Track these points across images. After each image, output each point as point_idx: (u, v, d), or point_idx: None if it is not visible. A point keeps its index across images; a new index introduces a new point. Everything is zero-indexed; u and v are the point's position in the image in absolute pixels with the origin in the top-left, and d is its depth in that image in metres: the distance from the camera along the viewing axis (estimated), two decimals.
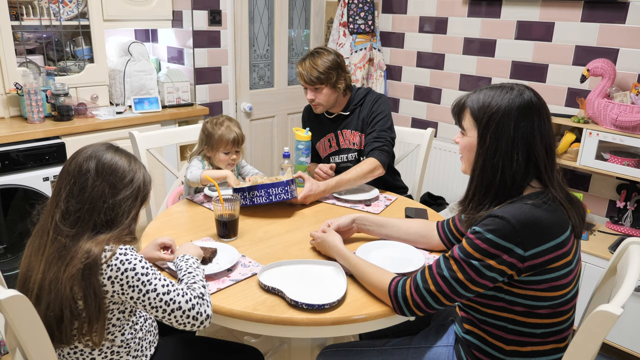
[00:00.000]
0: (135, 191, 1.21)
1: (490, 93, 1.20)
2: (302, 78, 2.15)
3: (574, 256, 1.16)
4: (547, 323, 1.16)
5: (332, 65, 2.12)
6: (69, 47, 2.85)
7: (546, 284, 1.12)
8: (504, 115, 1.16)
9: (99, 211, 1.15)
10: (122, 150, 1.25)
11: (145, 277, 1.13)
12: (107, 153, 1.20)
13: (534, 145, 1.15)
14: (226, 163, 2.03)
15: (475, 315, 1.24)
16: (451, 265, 1.16)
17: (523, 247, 1.09)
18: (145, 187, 1.25)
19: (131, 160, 1.23)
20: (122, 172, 1.19)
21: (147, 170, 1.29)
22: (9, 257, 2.47)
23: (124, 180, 1.19)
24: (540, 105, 1.18)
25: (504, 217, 1.10)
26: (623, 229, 2.54)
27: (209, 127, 2.01)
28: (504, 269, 1.11)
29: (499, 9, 2.94)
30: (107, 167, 1.18)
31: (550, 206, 1.13)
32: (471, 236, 1.15)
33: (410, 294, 1.21)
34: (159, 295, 1.14)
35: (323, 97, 2.17)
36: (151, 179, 1.28)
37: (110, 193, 1.16)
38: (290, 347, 1.77)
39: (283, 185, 1.81)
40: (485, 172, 1.19)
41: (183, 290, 1.17)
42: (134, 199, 1.21)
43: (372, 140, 2.14)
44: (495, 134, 1.16)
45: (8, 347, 1.19)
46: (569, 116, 2.62)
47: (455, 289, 1.15)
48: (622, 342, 2.34)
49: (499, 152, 1.16)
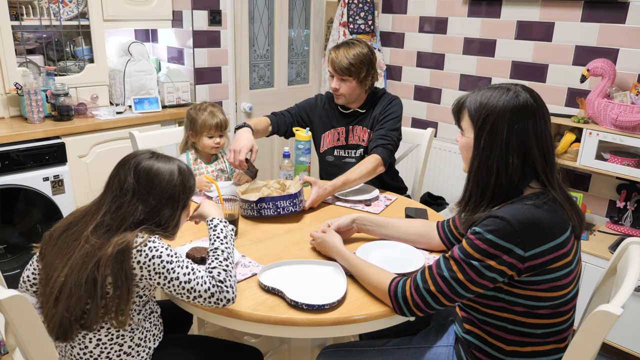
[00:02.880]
0: (172, 201, 1.26)
1: (488, 94, 1.19)
2: (332, 65, 2.11)
3: (574, 256, 1.16)
4: (547, 323, 1.16)
5: (364, 60, 2.09)
6: (69, 47, 2.85)
7: (546, 284, 1.12)
8: (498, 117, 1.15)
9: (130, 222, 1.21)
10: (164, 157, 1.29)
11: (169, 264, 1.18)
12: (147, 162, 1.25)
13: (529, 147, 1.15)
14: (210, 147, 2.08)
15: (476, 315, 1.24)
16: (451, 265, 1.16)
17: (523, 248, 1.09)
18: (185, 194, 1.29)
19: (172, 170, 1.27)
20: (160, 185, 1.24)
21: (189, 174, 1.31)
22: (9, 257, 2.47)
23: (163, 194, 1.24)
24: (536, 107, 1.16)
25: (504, 217, 1.10)
26: (623, 229, 2.54)
27: (192, 112, 2.08)
28: (504, 270, 1.11)
29: (499, 9, 2.94)
30: (145, 182, 1.23)
31: (551, 207, 1.13)
32: (471, 237, 1.14)
33: (411, 294, 1.21)
34: (181, 284, 1.18)
35: (347, 89, 2.14)
36: (192, 184, 1.32)
37: (145, 207, 1.22)
38: (290, 347, 1.77)
39: (292, 198, 1.79)
40: (481, 174, 1.19)
41: (202, 279, 1.20)
42: (170, 208, 1.26)
43: (378, 137, 2.13)
44: (490, 136, 1.16)
45: (8, 347, 1.19)
46: (569, 116, 2.62)
47: (456, 290, 1.15)
48: (622, 342, 2.34)
49: (493, 154, 1.16)
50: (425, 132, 2.39)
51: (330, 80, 2.18)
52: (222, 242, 1.30)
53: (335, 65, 2.09)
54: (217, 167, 2.16)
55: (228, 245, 1.30)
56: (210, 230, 1.34)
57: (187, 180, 1.30)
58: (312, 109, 2.33)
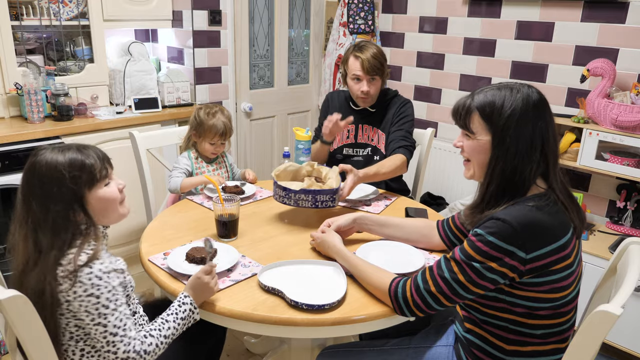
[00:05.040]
0: (59, 182, 1.13)
1: (500, 94, 1.18)
2: (364, 68, 2.10)
3: (575, 258, 1.16)
4: (547, 324, 1.16)
5: (384, 58, 2.15)
6: (69, 47, 2.85)
7: (547, 286, 1.12)
8: (521, 115, 1.15)
9: (41, 231, 1.12)
10: (63, 148, 1.18)
11: (104, 309, 1.11)
12: (37, 158, 1.15)
13: (547, 141, 1.16)
14: (210, 152, 2.09)
15: (477, 315, 1.24)
16: (452, 266, 1.16)
17: (525, 250, 1.09)
18: (74, 170, 1.15)
19: (58, 155, 1.14)
20: (43, 172, 1.13)
21: (85, 151, 1.18)
22: (9, 257, 2.46)
23: (49, 179, 1.13)
24: (547, 102, 1.20)
25: (505, 219, 1.10)
26: (623, 229, 2.54)
27: (202, 115, 2.06)
28: (505, 272, 1.10)
29: (499, 9, 2.94)
30: (31, 175, 1.14)
31: (552, 208, 1.13)
32: (473, 238, 1.14)
33: (411, 294, 1.21)
34: (105, 332, 1.12)
35: (375, 89, 2.16)
36: (85, 162, 1.16)
37: (38, 201, 1.13)
38: (290, 347, 1.77)
39: (332, 194, 1.76)
40: (505, 174, 1.17)
41: (129, 339, 1.14)
42: (62, 196, 1.14)
43: (400, 138, 2.15)
44: (515, 135, 1.15)
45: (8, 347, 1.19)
46: (569, 116, 2.62)
47: (456, 290, 1.15)
48: (622, 342, 2.34)
49: (519, 153, 1.15)
50: (425, 132, 2.39)
51: (354, 85, 2.16)
52: (176, 321, 1.23)
53: (366, 66, 2.09)
54: (218, 167, 2.16)
55: (178, 329, 1.24)
56: (176, 302, 1.26)
57: (74, 168, 1.15)
58: (330, 110, 2.31)
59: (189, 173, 2.07)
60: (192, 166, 2.08)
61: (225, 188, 1.97)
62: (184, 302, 1.26)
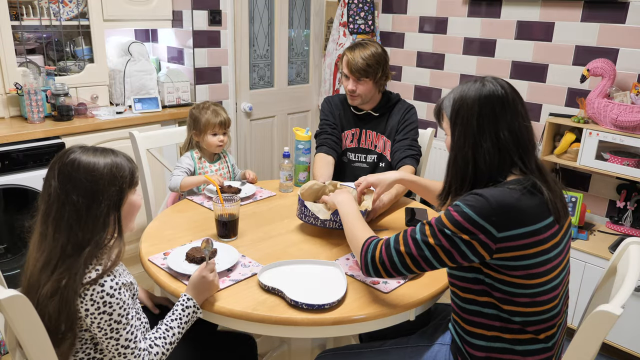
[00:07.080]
0: (96, 194, 1.12)
1: (458, 89, 1.24)
2: (349, 67, 2.08)
3: (554, 246, 1.16)
4: (525, 312, 1.17)
5: (380, 60, 2.08)
6: (69, 47, 2.85)
7: (523, 271, 1.13)
8: (467, 107, 1.20)
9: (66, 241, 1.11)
10: (98, 150, 1.16)
11: (116, 324, 1.12)
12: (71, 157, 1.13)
13: (500, 133, 1.18)
14: (215, 145, 2.07)
15: (457, 301, 1.25)
16: (425, 230, 1.18)
17: (497, 228, 1.10)
18: (115, 186, 1.14)
19: (99, 161, 1.13)
20: (84, 177, 1.11)
21: (126, 164, 1.18)
22: (9, 257, 2.47)
23: (87, 187, 1.11)
24: (504, 95, 1.19)
25: (483, 195, 1.12)
26: (623, 229, 2.54)
27: (195, 112, 2.07)
28: (475, 245, 1.12)
29: (499, 9, 2.94)
30: (68, 177, 1.11)
31: (530, 192, 1.14)
32: (450, 209, 1.17)
33: (380, 252, 1.23)
34: (117, 345, 1.14)
35: (364, 90, 2.12)
36: (128, 175, 1.16)
37: (72, 207, 1.10)
38: (290, 347, 1.77)
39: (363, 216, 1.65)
40: (457, 164, 1.22)
41: (140, 350, 1.16)
42: (98, 204, 1.12)
43: (407, 147, 2.13)
44: (462, 126, 1.21)
45: (8, 347, 1.19)
46: (569, 116, 2.62)
47: (424, 254, 1.17)
48: (622, 342, 2.34)
49: (467, 143, 1.20)
50: (425, 132, 2.39)
51: (344, 82, 2.15)
52: (180, 325, 1.25)
53: (352, 66, 2.07)
54: (220, 167, 2.16)
55: (182, 332, 1.26)
56: (179, 305, 1.27)
57: (120, 170, 1.15)
58: (331, 113, 2.29)
59: (191, 172, 2.07)
60: (195, 166, 2.08)
61: (221, 189, 1.96)
62: (188, 306, 1.27)
